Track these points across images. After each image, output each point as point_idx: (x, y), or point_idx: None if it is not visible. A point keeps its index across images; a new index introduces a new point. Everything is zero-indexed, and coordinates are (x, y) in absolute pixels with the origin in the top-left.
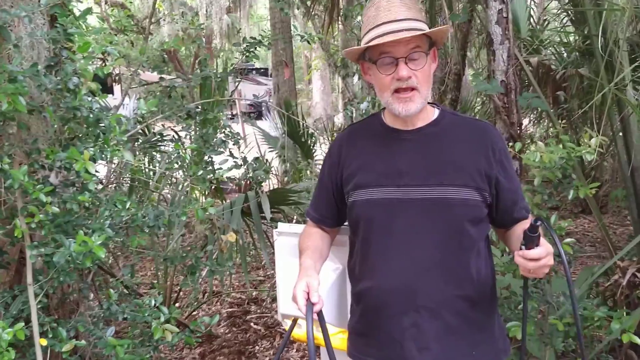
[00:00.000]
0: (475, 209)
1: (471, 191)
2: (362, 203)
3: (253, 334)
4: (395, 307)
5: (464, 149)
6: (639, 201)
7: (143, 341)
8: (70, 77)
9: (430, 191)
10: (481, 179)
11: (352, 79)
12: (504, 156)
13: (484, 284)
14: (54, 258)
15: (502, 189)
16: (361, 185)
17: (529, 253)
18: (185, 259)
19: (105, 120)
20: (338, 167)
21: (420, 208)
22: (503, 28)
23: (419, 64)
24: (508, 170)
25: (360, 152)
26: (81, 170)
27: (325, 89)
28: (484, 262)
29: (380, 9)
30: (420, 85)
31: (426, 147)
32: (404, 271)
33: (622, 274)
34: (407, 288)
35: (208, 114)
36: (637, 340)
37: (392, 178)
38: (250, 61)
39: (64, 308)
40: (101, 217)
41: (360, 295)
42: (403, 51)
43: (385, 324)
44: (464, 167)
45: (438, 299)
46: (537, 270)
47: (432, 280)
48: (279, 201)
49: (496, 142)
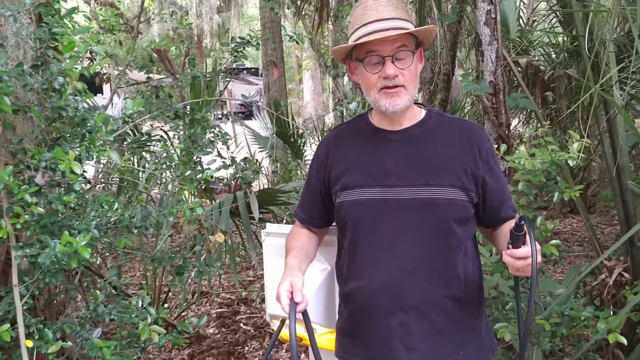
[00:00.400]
0: (461, 209)
1: (457, 191)
2: (349, 204)
3: (242, 334)
4: (382, 308)
5: (450, 149)
6: (625, 201)
7: (130, 342)
8: (55, 76)
9: (416, 191)
10: (467, 179)
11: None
12: (490, 156)
13: (471, 284)
14: (39, 259)
15: (489, 188)
16: (348, 186)
17: (516, 252)
18: (174, 259)
19: (91, 120)
20: (325, 168)
21: (407, 208)
22: (491, 29)
23: (405, 63)
24: (495, 170)
25: (347, 153)
26: (66, 170)
27: (316, 89)
28: (471, 262)
29: (367, 8)
30: (407, 84)
31: (412, 148)
32: (391, 271)
33: (608, 274)
34: (394, 288)
35: (196, 114)
36: (622, 340)
37: (379, 178)
38: (239, 61)
39: (51, 309)
40: (87, 217)
41: (348, 295)
42: (389, 50)
43: (373, 324)
44: (450, 167)
45: (425, 299)
46: (526, 269)
47: (419, 280)
48: (268, 201)
49: (482, 142)
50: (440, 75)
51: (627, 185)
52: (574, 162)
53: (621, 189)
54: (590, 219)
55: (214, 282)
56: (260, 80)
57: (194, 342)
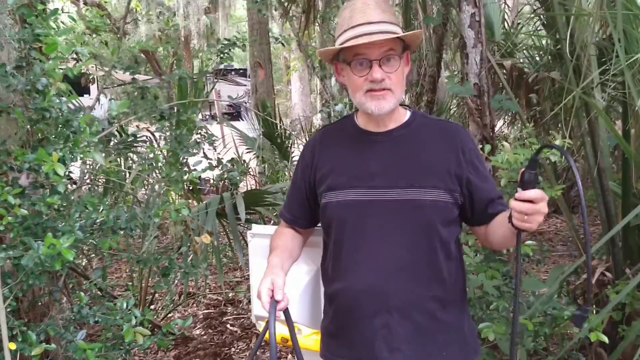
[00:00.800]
0: (445, 210)
1: (441, 192)
2: (334, 205)
3: (229, 335)
4: (366, 308)
5: (435, 150)
6: (606, 201)
7: (115, 344)
8: (38, 77)
9: (400, 193)
10: (451, 180)
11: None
12: (474, 156)
13: (455, 285)
14: (22, 261)
15: (475, 189)
16: (333, 187)
17: (525, 194)
18: (160, 260)
19: (75, 122)
20: (311, 169)
21: (391, 210)
22: (476, 32)
23: (392, 67)
24: (480, 170)
25: (332, 154)
26: (50, 172)
27: (304, 90)
28: (454, 263)
29: (355, 11)
30: (393, 87)
31: (397, 149)
32: (375, 272)
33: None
34: (378, 289)
35: (182, 115)
36: (604, 339)
37: (364, 180)
38: (226, 62)
39: (35, 311)
40: (71, 219)
41: (333, 296)
42: (377, 53)
43: (357, 325)
44: (434, 169)
45: (409, 300)
46: (532, 217)
47: (403, 281)
48: (254, 202)
49: (466, 142)
50: (427, 77)
51: (608, 186)
52: (556, 158)
53: (602, 190)
54: (574, 219)
55: (201, 283)
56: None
57: (181, 343)
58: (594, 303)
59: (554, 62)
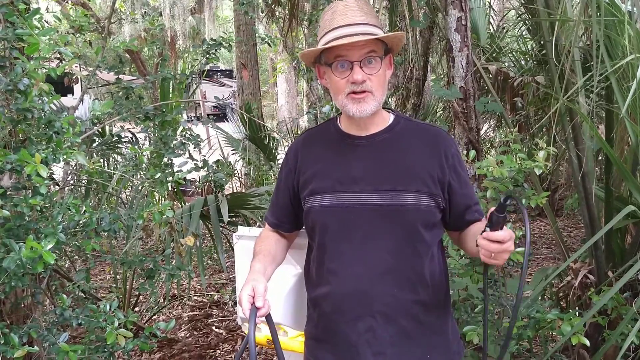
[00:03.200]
0: (428, 214)
1: (424, 197)
2: (318, 209)
3: (215, 337)
4: (350, 313)
5: (418, 155)
6: (589, 205)
7: (99, 347)
8: (20, 78)
9: (383, 197)
10: (434, 184)
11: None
12: (457, 162)
13: (438, 288)
14: (3, 263)
15: (455, 193)
16: (316, 192)
17: (493, 234)
18: (144, 262)
19: (58, 122)
20: (294, 173)
21: (374, 214)
22: (462, 35)
23: (373, 69)
24: (461, 175)
25: (315, 158)
26: (32, 173)
27: (290, 92)
28: (437, 266)
29: (337, 13)
30: (374, 89)
31: (380, 153)
32: (358, 277)
33: (574, 276)
34: (361, 293)
35: (167, 116)
36: (585, 342)
37: (347, 184)
38: (212, 62)
39: (18, 313)
40: (54, 221)
41: (316, 300)
42: (358, 55)
43: (341, 330)
44: (417, 173)
45: (393, 304)
46: (499, 255)
47: (387, 285)
48: (239, 205)
49: (449, 147)
50: (413, 81)
51: (592, 190)
52: (540, 170)
53: (586, 194)
54: (557, 222)
55: (185, 285)
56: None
57: (165, 345)
58: (577, 305)
59: (538, 67)
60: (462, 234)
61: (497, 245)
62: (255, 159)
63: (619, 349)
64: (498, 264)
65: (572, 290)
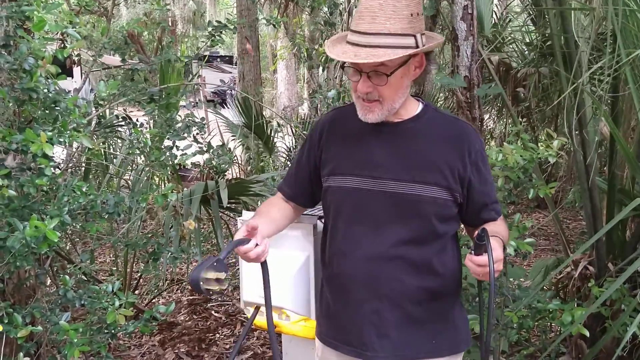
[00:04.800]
0: (444, 207)
1: (442, 190)
2: (335, 189)
3: (214, 321)
4: (358, 294)
5: (441, 148)
6: (592, 197)
7: (100, 328)
8: (25, 57)
9: (401, 186)
10: (454, 179)
11: (318, 70)
12: (480, 158)
13: (449, 278)
14: (7, 242)
15: (474, 190)
16: (336, 172)
17: (476, 259)
18: (147, 245)
19: (63, 103)
20: (318, 149)
21: (390, 201)
22: (468, 24)
23: (382, 80)
24: (483, 172)
25: (340, 138)
26: (38, 152)
27: (290, 79)
28: (450, 257)
29: (366, 11)
30: (382, 99)
31: (403, 142)
32: (368, 260)
33: (574, 267)
34: (370, 277)
35: (171, 99)
36: (585, 332)
37: (367, 169)
38: (216, 45)
39: (20, 293)
40: (59, 202)
41: (327, 279)
42: (368, 67)
43: (347, 310)
44: (437, 166)
45: (400, 290)
46: (484, 276)
47: (396, 271)
48: (239, 192)
49: (474, 144)
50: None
51: (595, 181)
52: (553, 158)
53: (589, 186)
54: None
55: (185, 269)
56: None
57: (165, 328)
58: (577, 297)
59: (541, 58)
60: (476, 231)
61: (481, 268)
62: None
63: (617, 340)
64: (486, 280)
65: (571, 282)
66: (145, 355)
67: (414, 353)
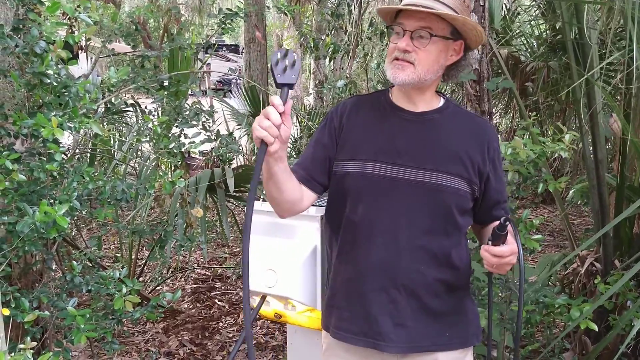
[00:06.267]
0: (464, 199)
1: (463, 182)
2: (357, 175)
3: (217, 310)
4: (374, 283)
5: (463, 141)
6: (601, 192)
7: (106, 314)
8: (36, 40)
9: (424, 175)
10: (474, 173)
11: (324, 61)
12: (496, 156)
13: (464, 271)
14: (17, 227)
15: (490, 187)
16: (356, 157)
17: (493, 249)
18: (154, 232)
19: (74, 88)
20: (340, 130)
21: (413, 190)
22: (479, 16)
23: (423, 43)
24: (498, 170)
25: (362, 123)
26: (49, 137)
27: None
28: (464, 251)
29: None
30: (417, 62)
31: (427, 132)
32: (387, 249)
33: (580, 263)
34: (388, 266)
35: (182, 85)
36: (594, 327)
37: (390, 156)
38: (226, 33)
39: (27, 278)
40: (69, 188)
41: (341, 267)
42: (413, 26)
43: (363, 299)
44: (460, 158)
45: (418, 281)
46: (500, 267)
47: (414, 261)
48: (245, 180)
49: (492, 140)
50: None
51: (604, 177)
52: (565, 153)
53: (598, 181)
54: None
55: (189, 257)
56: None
57: (169, 316)
58: (583, 293)
59: (550, 52)
60: (483, 229)
61: (497, 259)
62: None
63: (622, 337)
64: (501, 273)
65: (577, 278)
66: (148, 342)
67: (428, 345)
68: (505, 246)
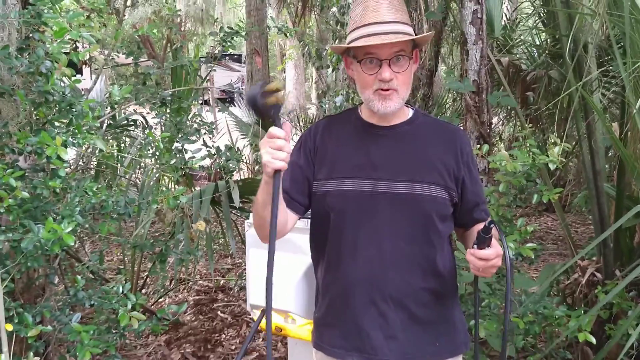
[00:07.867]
0: (443, 206)
1: (440, 189)
2: (336, 193)
3: (220, 322)
4: (362, 297)
5: (435, 149)
6: (600, 203)
7: (109, 328)
8: (42, 60)
9: (401, 186)
10: (450, 178)
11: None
12: (470, 159)
13: (448, 278)
14: (22, 244)
15: (467, 190)
16: (333, 176)
17: (479, 252)
18: (155, 246)
19: (78, 106)
20: (315, 153)
21: (392, 202)
22: (477, 28)
23: (401, 67)
24: (473, 173)
25: (336, 142)
26: (53, 155)
27: (298, 79)
28: (448, 257)
29: (368, 8)
30: (399, 87)
31: (400, 144)
32: (372, 262)
33: (581, 273)
34: (375, 279)
35: (182, 102)
36: (591, 339)
37: (366, 171)
38: (227, 50)
39: (30, 293)
40: (71, 203)
41: (329, 285)
42: (387, 53)
43: (353, 314)
44: (434, 166)
45: (405, 291)
46: (486, 270)
47: (400, 272)
48: (248, 191)
49: (464, 145)
50: (424, 71)
51: (603, 188)
52: (554, 165)
53: (597, 191)
54: (565, 219)
55: (191, 269)
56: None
57: (171, 328)
58: (584, 303)
59: (551, 61)
60: (466, 232)
61: (483, 263)
62: None
63: (623, 346)
64: (487, 276)
65: (579, 288)
66: (151, 355)
67: (419, 355)
68: (491, 249)
